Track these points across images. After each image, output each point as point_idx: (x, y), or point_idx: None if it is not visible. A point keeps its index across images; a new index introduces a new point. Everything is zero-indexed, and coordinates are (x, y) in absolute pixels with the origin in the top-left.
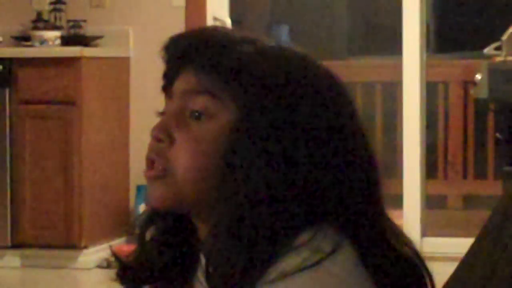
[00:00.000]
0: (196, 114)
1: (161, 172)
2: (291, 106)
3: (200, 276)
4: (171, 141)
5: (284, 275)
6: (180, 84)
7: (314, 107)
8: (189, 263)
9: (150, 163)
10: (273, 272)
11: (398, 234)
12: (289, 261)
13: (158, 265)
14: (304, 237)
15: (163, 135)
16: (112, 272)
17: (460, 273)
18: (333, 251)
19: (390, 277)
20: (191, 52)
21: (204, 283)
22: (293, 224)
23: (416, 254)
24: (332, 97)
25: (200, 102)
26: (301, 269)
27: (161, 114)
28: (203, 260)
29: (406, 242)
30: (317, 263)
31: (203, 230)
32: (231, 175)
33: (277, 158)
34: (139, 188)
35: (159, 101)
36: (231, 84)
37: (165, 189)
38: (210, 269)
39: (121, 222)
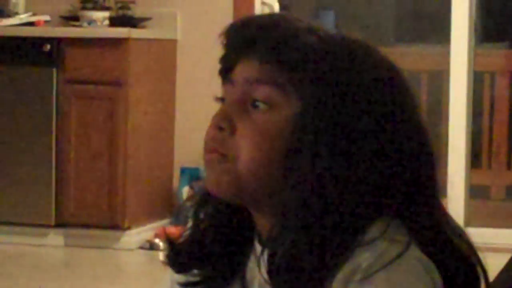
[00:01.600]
0: (259, 103)
1: (222, 156)
2: (356, 98)
3: (253, 265)
4: (233, 130)
5: (370, 272)
6: (242, 71)
7: (378, 99)
8: (241, 251)
9: (210, 149)
10: (349, 267)
11: (454, 227)
12: (365, 255)
13: (210, 250)
14: (374, 229)
15: (224, 124)
16: (154, 254)
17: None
18: (409, 242)
19: (445, 269)
20: (257, 40)
21: (259, 273)
22: (363, 216)
23: (471, 247)
24: (396, 88)
25: (264, 92)
26: (385, 264)
27: (220, 99)
28: (258, 249)
29: (461, 234)
30: (400, 254)
31: (260, 220)
32: (296, 167)
33: (342, 150)
34: (182, 170)
35: (206, 84)
36: (296, 76)
37: (224, 175)
38: (276, 262)
39: (164, 204)
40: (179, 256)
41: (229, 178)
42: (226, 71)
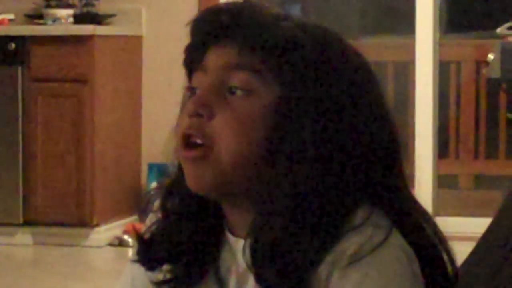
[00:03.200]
0: (236, 89)
1: (202, 152)
2: (332, 82)
3: (227, 256)
4: (211, 116)
5: (357, 257)
6: (218, 58)
7: (352, 83)
8: (212, 243)
9: (186, 139)
10: (335, 252)
11: (423, 213)
12: (352, 240)
13: (180, 243)
14: (359, 216)
15: (202, 110)
16: (124, 250)
17: (479, 252)
18: (391, 227)
19: (417, 256)
20: (233, 26)
21: (236, 263)
22: (348, 200)
23: (439, 234)
24: (366, 75)
25: (241, 78)
26: (372, 249)
27: (191, 89)
28: (232, 240)
29: (430, 221)
30: (385, 239)
31: (233, 212)
32: (282, 153)
33: (322, 134)
34: (150, 166)
35: (172, 80)
36: (274, 61)
37: (207, 170)
38: (260, 250)
39: (132, 200)
40: (149, 252)
41: (212, 173)
42: (193, 61)
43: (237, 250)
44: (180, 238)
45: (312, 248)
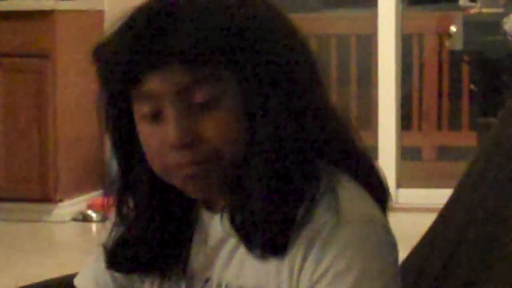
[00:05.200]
0: (206, 104)
1: (203, 172)
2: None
3: (199, 237)
4: (200, 140)
5: (331, 235)
6: (166, 84)
7: (296, 54)
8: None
9: (179, 168)
10: (311, 227)
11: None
12: (325, 216)
13: (148, 245)
14: (326, 180)
15: (188, 139)
16: (87, 225)
17: (440, 222)
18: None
19: None
20: (165, 51)
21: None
22: (316, 163)
23: (381, 181)
24: (305, 48)
25: (203, 93)
26: (348, 222)
27: (151, 117)
28: (206, 216)
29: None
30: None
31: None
32: (260, 132)
33: (284, 107)
34: None
35: None
36: (222, 59)
37: (214, 178)
38: (240, 217)
39: (96, 175)
40: (119, 261)
41: (219, 177)
42: (127, 87)
43: (209, 224)
44: (148, 240)
45: (289, 213)
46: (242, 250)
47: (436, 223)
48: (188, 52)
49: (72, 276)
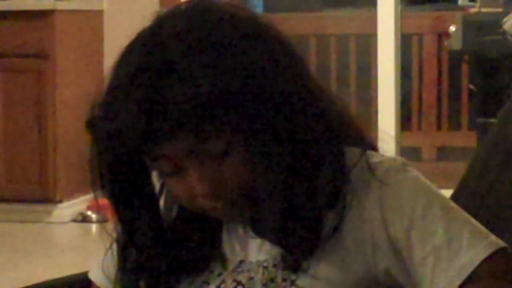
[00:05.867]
0: (222, 152)
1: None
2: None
3: (229, 240)
4: (224, 184)
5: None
6: (176, 147)
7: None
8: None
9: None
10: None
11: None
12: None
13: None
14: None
15: (214, 188)
16: (87, 226)
17: None
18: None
19: None
20: (167, 121)
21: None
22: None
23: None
24: (288, 48)
25: (217, 144)
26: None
27: (168, 174)
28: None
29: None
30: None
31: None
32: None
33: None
34: None
35: None
36: (224, 118)
37: (246, 206)
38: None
39: None
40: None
41: (246, 210)
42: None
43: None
44: (180, 250)
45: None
46: None
47: None
48: (189, 122)
49: (72, 276)
